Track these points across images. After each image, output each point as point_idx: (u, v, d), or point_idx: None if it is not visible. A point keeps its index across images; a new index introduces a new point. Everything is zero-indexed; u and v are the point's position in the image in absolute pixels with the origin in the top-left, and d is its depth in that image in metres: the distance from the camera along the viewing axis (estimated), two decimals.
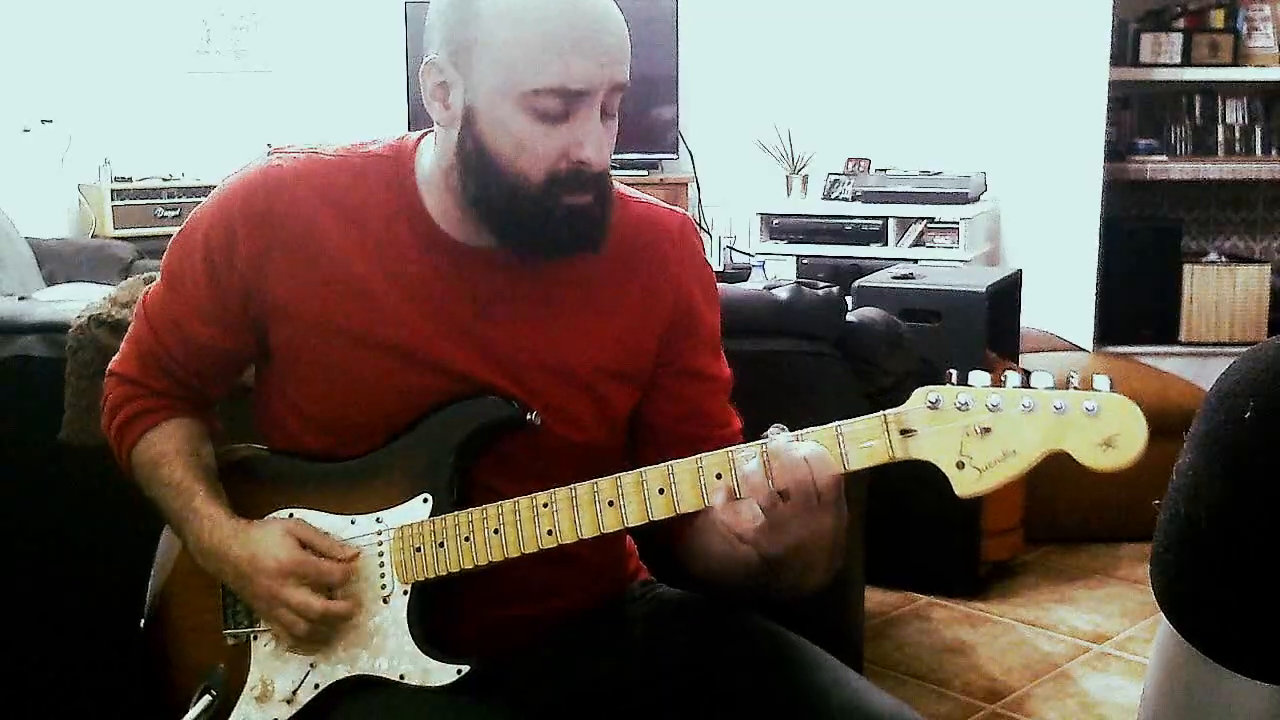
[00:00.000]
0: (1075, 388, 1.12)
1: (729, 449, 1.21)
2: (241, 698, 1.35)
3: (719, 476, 1.21)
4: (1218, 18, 4.54)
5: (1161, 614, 1.07)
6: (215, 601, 1.39)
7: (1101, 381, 1.11)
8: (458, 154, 1.28)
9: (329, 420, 1.36)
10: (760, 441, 1.20)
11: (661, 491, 1.23)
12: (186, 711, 1.34)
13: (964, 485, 1.14)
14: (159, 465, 1.40)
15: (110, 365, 1.47)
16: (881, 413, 1.17)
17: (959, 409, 1.14)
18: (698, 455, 1.22)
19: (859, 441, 1.17)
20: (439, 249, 1.33)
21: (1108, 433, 1.10)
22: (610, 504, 1.24)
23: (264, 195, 1.33)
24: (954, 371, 1.16)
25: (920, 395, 1.16)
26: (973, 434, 1.13)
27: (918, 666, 2.69)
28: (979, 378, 1.15)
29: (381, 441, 1.34)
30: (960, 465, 1.14)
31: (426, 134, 1.37)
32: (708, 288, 1.44)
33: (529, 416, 1.31)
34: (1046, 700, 2.55)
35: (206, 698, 1.34)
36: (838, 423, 1.18)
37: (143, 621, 1.47)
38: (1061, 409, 1.11)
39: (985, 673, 2.67)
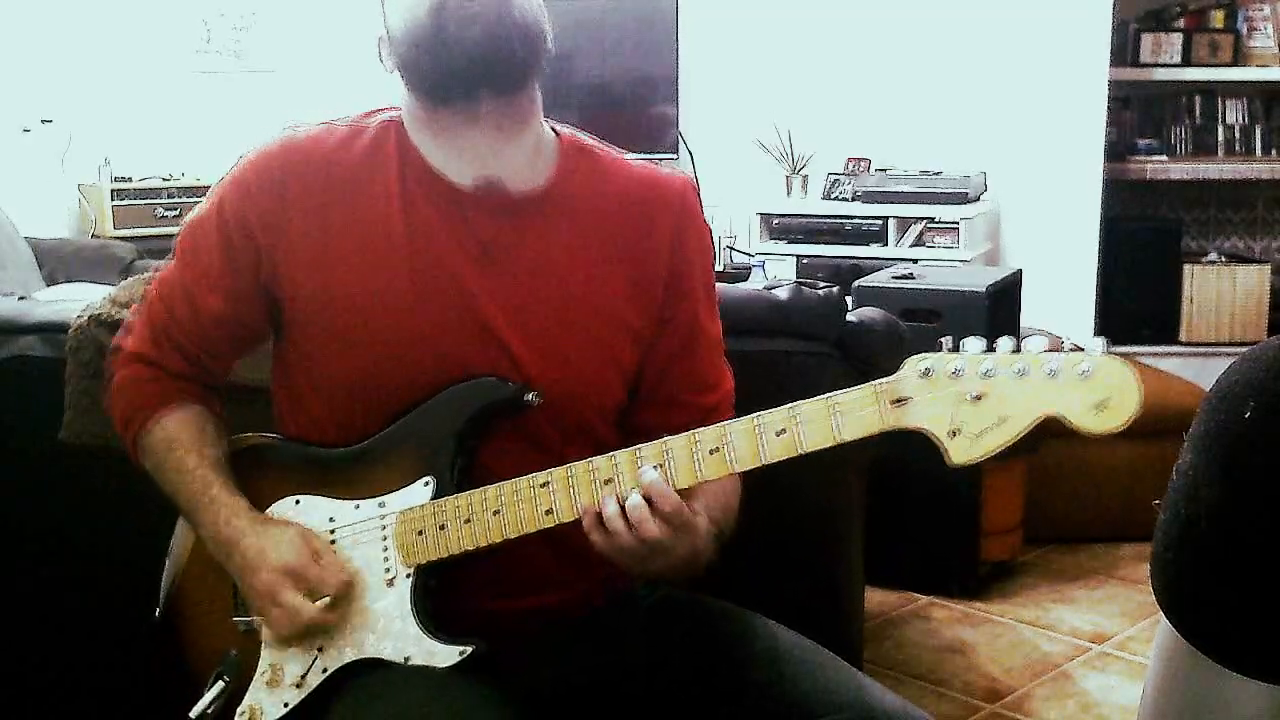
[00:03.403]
0: (1068, 347, 1.11)
1: (724, 424, 1.22)
2: (253, 683, 1.37)
3: (714, 451, 1.22)
4: (1218, 18, 4.54)
5: (1161, 614, 1.07)
6: (227, 589, 1.40)
7: (1096, 343, 1.10)
8: (391, 59, 1.36)
9: (348, 387, 1.36)
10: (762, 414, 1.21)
11: (657, 468, 1.23)
12: (200, 697, 1.36)
13: (957, 453, 1.14)
14: (172, 450, 1.41)
15: (118, 341, 1.47)
16: (874, 382, 1.17)
17: (951, 376, 1.13)
18: (692, 431, 1.23)
19: (851, 411, 1.17)
20: (443, 197, 1.36)
21: (1101, 395, 1.09)
22: (607, 482, 1.25)
23: (280, 163, 1.37)
24: (948, 338, 1.15)
25: (913, 363, 1.15)
26: (966, 401, 1.13)
27: (918, 666, 2.69)
28: (973, 344, 1.14)
29: (397, 411, 1.35)
30: (953, 433, 1.13)
31: None
32: (704, 245, 1.47)
33: (528, 397, 1.33)
34: (1046, 700, 2.55)
35: (220, 683, 1.36)
36: (830, 397, 1.18)
37: (157, 611, 1.48)
38: (1055, 373, 1.10)
39: (985, 673, 2.67)
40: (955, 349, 1.15)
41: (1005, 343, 1.13)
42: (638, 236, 1.41)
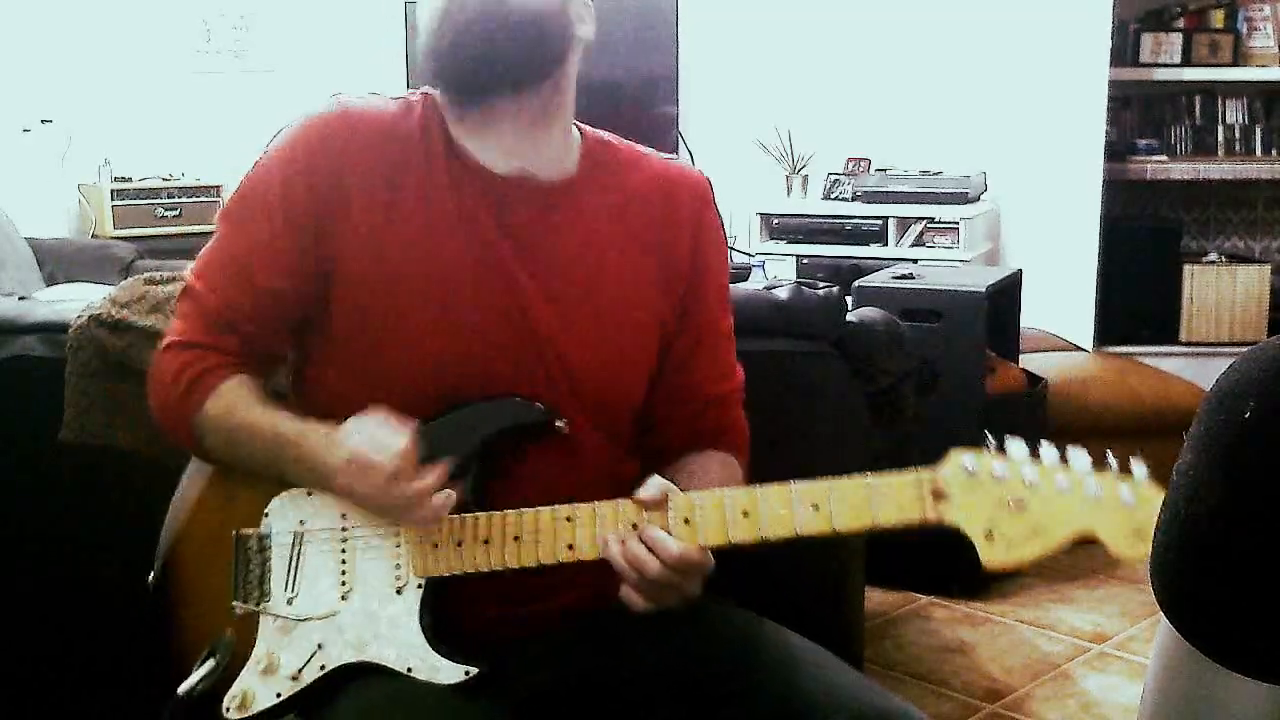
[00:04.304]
0: (1112, 469, 1.12)
1: (757, 488, 1.24)
2: (246, 669, 1.34)
3: (746, 514, 1.23)
4: (1218, 18, 4.53)
5: (1161, 614, 1.07)
6: (226, 569, 1.37)
7: (1139, 470, 1.13)
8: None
9: (388, 375, 1.34)
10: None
11: (687, 522, 1.24)
12: (190, 674, 1.33)
13: (991, 555, 1.16)
14: (233, 412, 1.35)
15: (167, 340, 1.40)
16: (916, 473, 1.18)
17: (995, 480, 1.15)
18: (723, 488, 1.25)
19: (890, 498, 1.19)
20: (482, 181, 1.36)
21: (1140, 523, 1.12)
22: (634, 526, 1.26)
23: (346, 130, 1.36)
24: (990, 436, 1.17)
25: (955, 459, 1.17)
26: (1006, 507, 1.15)
27: (918, 666, 2.69)
28: (1016, 449, 1.16)
29: (431, 409, 1.32)
30: (989, 536, 1.15)
31: None
32: (720, 238, 1.50)
33: (557, 424, 1.33)
34: (1046, 700, 2.54)
35: (210, 662, 1.33)
36: (870, 479, 1.19)
37: (150, 580, 1.44)
38: (1097, 496, 1.13)
39: (985, 673, 2.67)
40: (1000, 448, 1.16)
41: (1049, 453, 1.15)
42: (662, 226, 1.43)
